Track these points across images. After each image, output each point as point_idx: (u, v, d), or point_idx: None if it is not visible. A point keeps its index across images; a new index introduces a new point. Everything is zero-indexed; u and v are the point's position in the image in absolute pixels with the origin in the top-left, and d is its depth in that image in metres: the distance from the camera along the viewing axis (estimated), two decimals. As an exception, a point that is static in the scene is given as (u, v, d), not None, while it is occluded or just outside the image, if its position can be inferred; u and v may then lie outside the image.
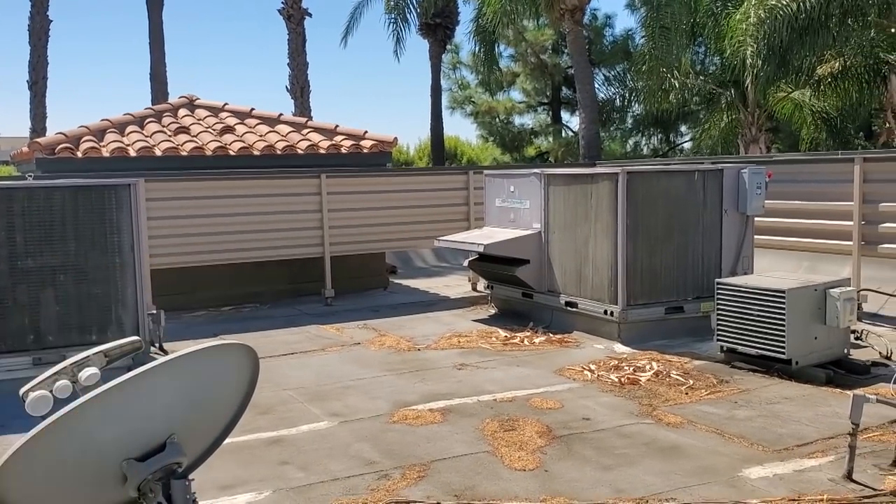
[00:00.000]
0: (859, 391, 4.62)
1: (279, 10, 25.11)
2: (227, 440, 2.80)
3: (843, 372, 6.52)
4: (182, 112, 12.98)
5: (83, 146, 10.91)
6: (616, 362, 7.16)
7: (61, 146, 10.82)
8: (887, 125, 20.61)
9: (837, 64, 18.06)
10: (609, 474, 4.66)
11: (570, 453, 5.00)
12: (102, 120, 11.95)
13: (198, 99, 13.54)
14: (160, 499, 2.41)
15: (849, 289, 6.67)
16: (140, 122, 12.26)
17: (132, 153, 10.98)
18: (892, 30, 16.88)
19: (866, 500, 4.17)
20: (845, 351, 6.78)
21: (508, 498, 4.35)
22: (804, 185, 9.38)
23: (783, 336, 6.43)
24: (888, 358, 6.99)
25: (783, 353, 6.45)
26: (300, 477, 4.75)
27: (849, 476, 4.45)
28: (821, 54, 17.14)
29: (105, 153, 10.87)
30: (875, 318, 8.52)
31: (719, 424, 5.45)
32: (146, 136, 11.59)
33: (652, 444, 5.12)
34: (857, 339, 7.42)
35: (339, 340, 8.56)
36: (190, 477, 2.51)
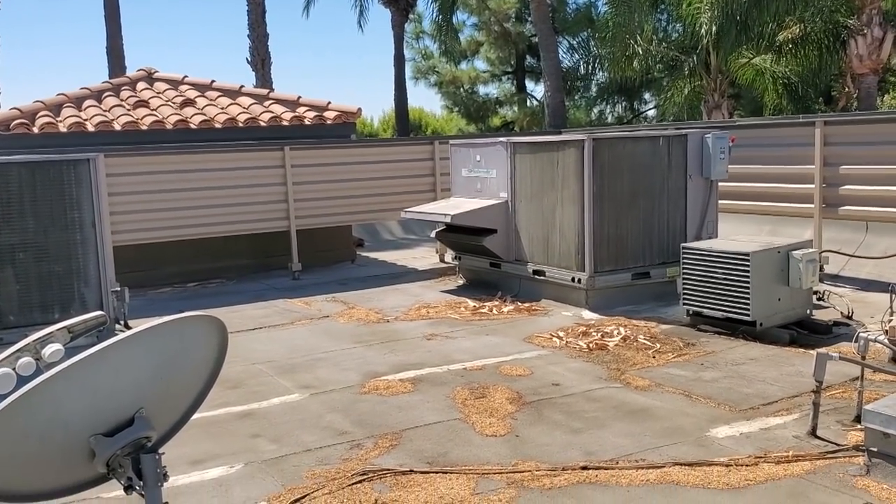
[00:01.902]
0: (822, 350, 4.70)
1: (237, -20, 24.64)
2: (197, 415, 2.77)
3: (805, 332, 6.65)
4: (141, 85, 12.72)
5: (39, 121, 10.66)
6: (584, 328, 7.22)
7: (16, 122, 10.57)
8: (846, 89, 20.86)
9: (798, 29, 18.20)
10: (579, 437, 4.71)
11: (540, 418, 5.04)
12: (58, 94, 11.67)
13: (157, 72, 13.27)
14: (130, 473, 2.38)
15: (811, 250, 6.78)
16: (97, 96, 12.00)
17: (90, 128, 10.75)
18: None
19: (830, 456, 4.27)
20: (808, 311, 6.91)
21: (480, 463, 4.38)
22: (766, 150, 9.47)
23: (748, 298, 6.52)
24: (849, 317, 7.14)
25: (748, 314, 6.55)
26: (272, 449, 4.74)
27: (813, 433, 4.55)
28: (781, 20, 17.24)
29: (62, 128, 10.64)
30: (836, 279, 8.68)
31: (686, 386, 5.53)
32: (104, 111, 11.35)
33: (621, 408, 5.18)
34: (819, 299, 7.56)
35: (308, 314, 8.52)
36: (160, 451, 2.48)
